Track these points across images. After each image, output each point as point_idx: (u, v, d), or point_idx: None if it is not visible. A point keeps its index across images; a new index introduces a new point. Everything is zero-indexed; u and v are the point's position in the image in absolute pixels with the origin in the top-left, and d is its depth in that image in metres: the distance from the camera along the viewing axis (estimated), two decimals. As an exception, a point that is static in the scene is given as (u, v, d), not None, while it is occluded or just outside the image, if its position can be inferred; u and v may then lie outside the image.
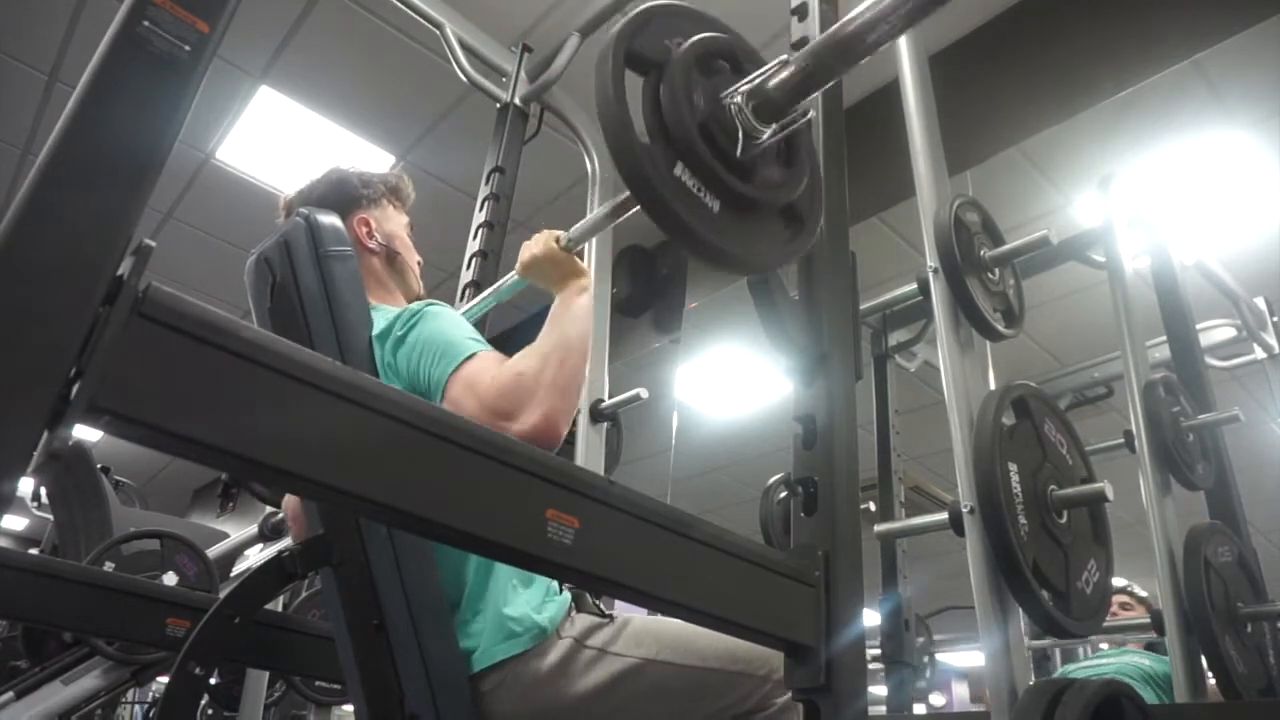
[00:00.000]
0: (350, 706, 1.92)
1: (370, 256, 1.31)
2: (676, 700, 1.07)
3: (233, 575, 2.45)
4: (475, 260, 1.91)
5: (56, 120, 0.50)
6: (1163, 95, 2.29)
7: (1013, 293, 1.46)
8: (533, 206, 3.36)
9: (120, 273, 0.49)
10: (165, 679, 1.48)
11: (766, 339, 0.92)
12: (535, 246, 1.20)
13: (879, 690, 2.58)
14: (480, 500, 0.61)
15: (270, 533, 2.49)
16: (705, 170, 0.74)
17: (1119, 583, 2.33)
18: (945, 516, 1.23)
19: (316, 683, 2.44)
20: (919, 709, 3.02)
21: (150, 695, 4.25)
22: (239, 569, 2.54)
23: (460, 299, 1.88)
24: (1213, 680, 1.47)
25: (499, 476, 0.62)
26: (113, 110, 0.51)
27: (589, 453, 1.96)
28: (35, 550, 3.03)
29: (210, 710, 3.14)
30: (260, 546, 2.54)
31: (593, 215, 1.08)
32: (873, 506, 2.61)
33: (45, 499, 3.14)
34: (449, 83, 2.35)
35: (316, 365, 0.56)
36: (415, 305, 1.16)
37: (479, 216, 2.00)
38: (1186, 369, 1.89)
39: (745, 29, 0.89)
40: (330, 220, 1.15)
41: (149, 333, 0.49)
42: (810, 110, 0.81)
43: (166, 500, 6.90)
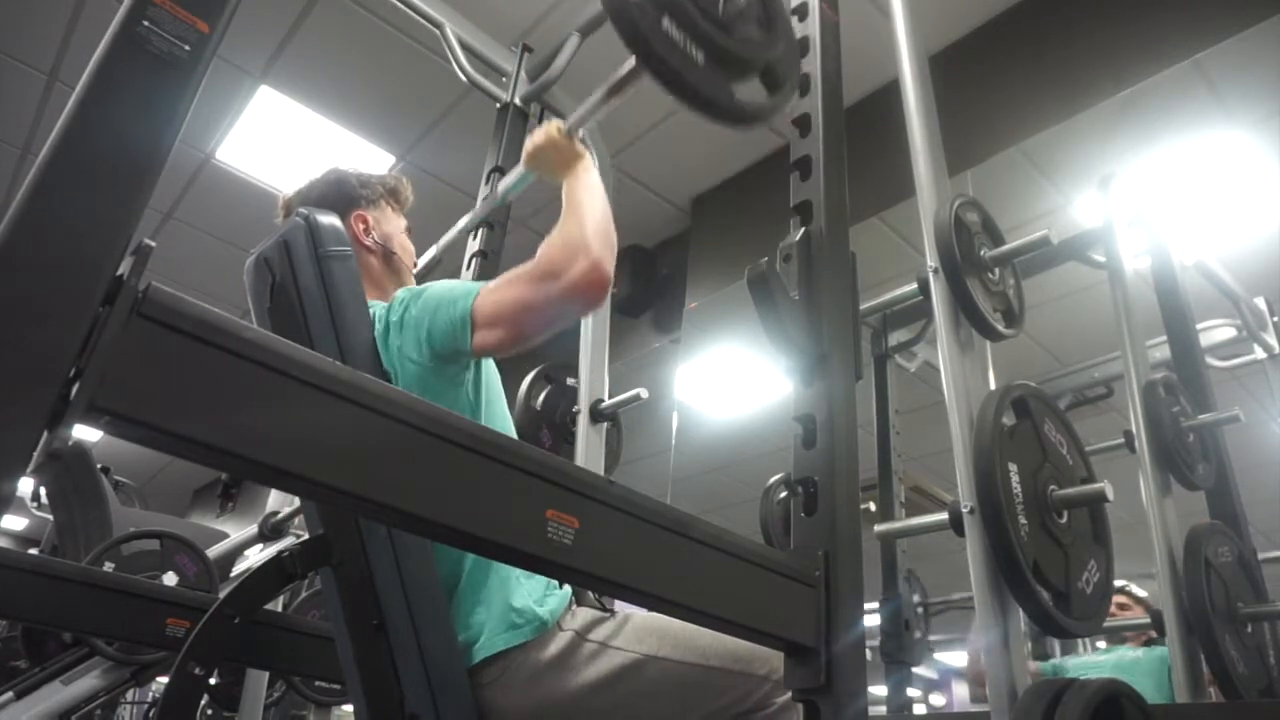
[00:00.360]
0: (350, 706, 1.92)
1: (367, 254, 1.31)
2: (677, 697, 1.07)
3: (233, 575, 2.45)
4: (475, 260, 1.91)
5: (56, 120, 0.50)
6: (1163, 95, 2.29)
7: (1013, 292, 1.45)
8: (533, 206, 3.36)
9: (120, 273, 0.49)
10: (165, 679, 1.47)
11: (766, 339, 0.92)
12: (538, 136, 1.24)
13: (879, 690, 2.58)
14: (480, 500, 0.61)
15: (270, 533, 2.49)
16: (689, 22, 0.80)
17: (1117, 583, 2.33)
18: (945, 516, 1.23)
19: (316, 683, 2.43)
20: (919, 709, 3.02)
21: (150, 695, 4.24)
22: (239, 569, 2.53)
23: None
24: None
25: (499, 476, 0.62)
26: (113, 110, 0.51)
27: (589, 453, 1.96)
28: (35, 550, 3.03)
29: (210, 710, 3.13)
30: (260, 546, 2.54)
31: (591, 97, 1.09)
32: (873, 506, 2.61)
33: (45, 499, 3.15)
34: (449, 83, 2.35)
35: (316, 365, 0.56)
36: (401, 292, 1.18)
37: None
38: (1186, 369, 1.89)
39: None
40: (330, 220, 1.15)
41: (149, 333, 0.49)
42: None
43: (166, 500, 6.90)
